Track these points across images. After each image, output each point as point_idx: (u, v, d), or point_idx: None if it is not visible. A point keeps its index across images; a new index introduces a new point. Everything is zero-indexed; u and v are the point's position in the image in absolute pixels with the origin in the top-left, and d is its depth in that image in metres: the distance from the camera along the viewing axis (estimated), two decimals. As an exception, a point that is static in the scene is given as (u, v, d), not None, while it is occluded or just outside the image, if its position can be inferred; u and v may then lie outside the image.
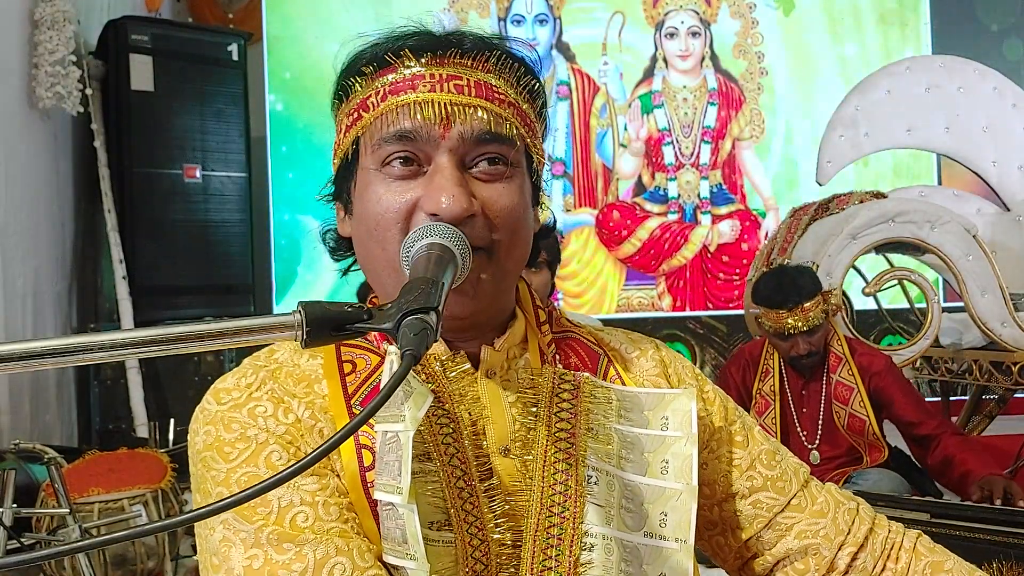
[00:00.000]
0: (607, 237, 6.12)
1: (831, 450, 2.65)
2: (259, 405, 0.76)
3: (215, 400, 0.77)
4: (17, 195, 3.68)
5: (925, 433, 2.58)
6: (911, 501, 2.14)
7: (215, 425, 0.75)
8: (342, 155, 0.81)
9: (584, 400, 0.81)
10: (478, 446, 0.78)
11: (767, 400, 2.73)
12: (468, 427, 0.78)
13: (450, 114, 0.76)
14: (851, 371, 2.64)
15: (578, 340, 0.89)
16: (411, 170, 0.77)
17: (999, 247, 3.90)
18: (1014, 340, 3.51)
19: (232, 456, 0.73)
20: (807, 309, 2.54)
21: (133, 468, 2.74)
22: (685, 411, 0.81)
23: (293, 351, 0.82)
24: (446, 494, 0.73)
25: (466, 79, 0.77)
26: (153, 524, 0.52)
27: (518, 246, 0.80)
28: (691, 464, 0.79)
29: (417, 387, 0.68)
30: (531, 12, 6.14)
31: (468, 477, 0.75)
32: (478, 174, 0.78)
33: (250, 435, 0.74)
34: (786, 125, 6.24)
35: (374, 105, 0.77)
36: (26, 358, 0.55)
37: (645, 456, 0.80)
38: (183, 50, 4.63)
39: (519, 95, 0.81)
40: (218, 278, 4.75)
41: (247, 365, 0.81)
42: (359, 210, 0.80)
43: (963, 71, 4.32)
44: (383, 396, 0.56)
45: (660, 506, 0.78)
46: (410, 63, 0.77)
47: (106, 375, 4.24)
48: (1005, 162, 4.30)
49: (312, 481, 0.72)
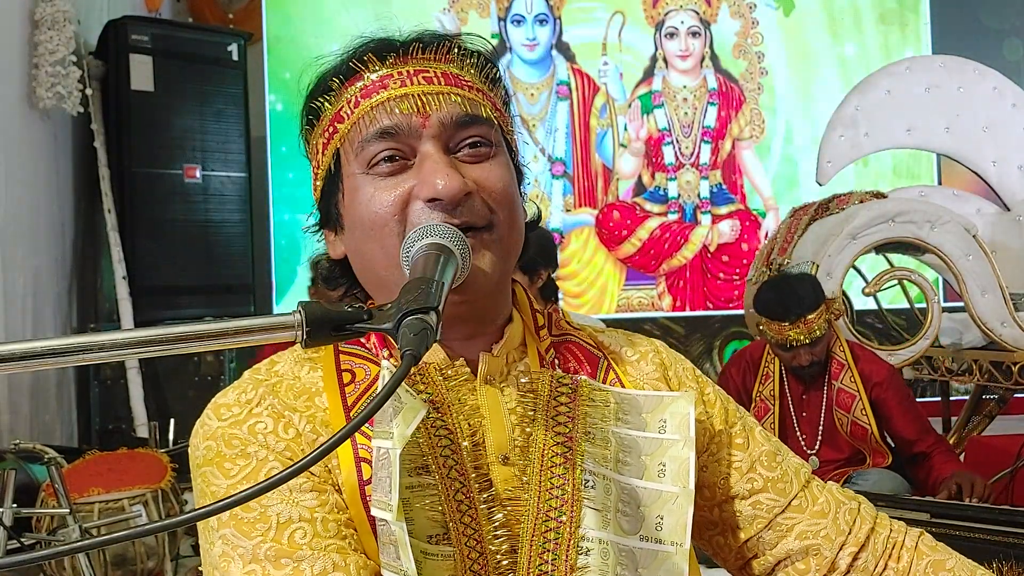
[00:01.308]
0: (607, 237, 6.12)
1: (833, 454, 2.64)
2: (259, 421, 0.75)
3: (215, 416, 0.77)
4: (17, 195, 3.68)
5: (920, 451, 2.58)
6: (911, 501, 2.14)
7: (215, 441, 0.75)
8: (324, 174, 0.81)
9: (582, 403, 0.80)
10: (477, 456, 0.77)
11: (767, 404, 2.71)
12: (467, 437, 0.77)
13: (426, 103, 0.76)
14: (853, 378, 2.61)
15: (577, 343, 0.88)
16: (398, 165, 0.77)
17: (999, 247, 3.90)
18: (1014, 340, 3.51)
19: (232, 472, 0.73)
20: (810, 321, 2.49)
21: (133, 468, 2.74)
22: (683, 414, 0.81)
23: (294, 362, 0.82)
24: (445, 507, 0.73)
25: (433, 71, 0.78)
26: (153, 524, 0.52)
27: (516, 222, 0.81)
28: (688, 467, 0.79)
29: (409, 402, 0.68)
30: (531, 12, 6.14)
31: (467, 489, 0.75)
32: (463, 157, 0.78)
33: (250, 452, 0.74)
34: (786, 125, 6.24)
35: (348, 115, 0.78)
36: (26, 358, 0.55)
37: (642, 459, 0.79)
38: (183, 50, 4.63)
39: (484, 83, 0.82)
40: (218, 278, 4.75)
41: (247, 379, 0.80)
42: (352, 217, 0.79)
43: (963, 71, 4.31)
44: (380, 398, 0.56)
45: (657, 509, 0.78)
46: (375, 67, 0.78)
47: (106, 375, 4.24)
48: (1005, 162, 4.30)
49: (311, 497, 0.72)
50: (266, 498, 0.70)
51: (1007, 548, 1.82)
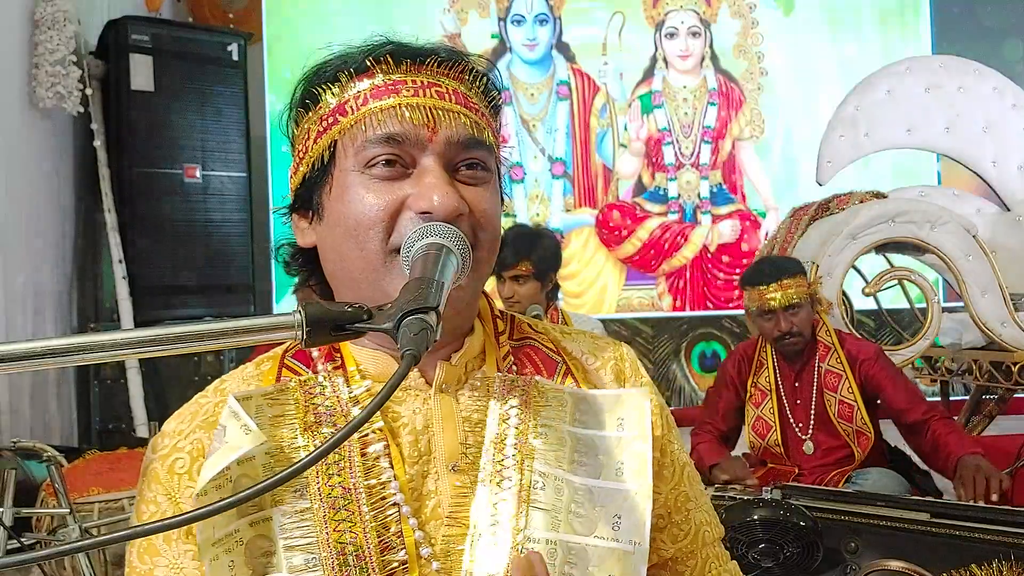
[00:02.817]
0: (607, 237, 6.12)
1: (828, 440, 2.67)
2: (179, 458, 0.77)
3: (152, 447, 0.79)
4: (17, 195, 3.68)
5: (915, 419, 2.60)
6: (911, 501, 2.14)
7: (144, 474, 0.78)
8: (313, 161, 0.81)
9: (534, 403, 0.80)
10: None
11: (763, 392, 2.76)
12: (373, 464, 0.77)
13: (436, 118, 0.77)
14: (839, 359, 2.69)
15: (536, 348, 0.87)
16: (396, 172, 0.77)
17: (999, 247, 3.90)
18: (1014, 340, 3.52)
19: (144, 515, 0.76)
20: (786, 285, 2.64)
21: (133, 468, 2.74)
22: (640, 409, 0.81)
23: (242, 380, 0.83)
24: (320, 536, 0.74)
25: (445, 86, 0.79)
26: (153, 524, 0.52)
27: (495, 246, 0.81)
28: (646, 463, 0.79)
29: (232, 440, 0.72)
30: (531, 12, 6.14)
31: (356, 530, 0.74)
32: (461, 178, 0.78)
33: (159, 500, 0.76)
34: (786, 125, 6.24)
35: (353, 109, 0.78)
36: (26, 358, 0.55)
37: (600, 458, 0.79)
38: (183, 50, 4.63)
39: (487, 109, 0.83)
40: (218, 278, 4.75)
41: (192, 403, 0.82)
42: (336, 212, 0.78)
43: (963, 71, 4.32)
44: (378, 401, 0.56)
45: (614, 509, 0.77)
46: (389, 69, 0.78)
47: (106, 375, 4.24)
48: (1005, 162, 4.30)
49: (194, 567, 0.73)
50: (157, 556, 0.74)
51: (1007, 548, 1.82)
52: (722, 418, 2.83)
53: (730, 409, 2.83)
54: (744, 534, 1.96)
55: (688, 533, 0.86)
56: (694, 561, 0.87)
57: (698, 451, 2.72)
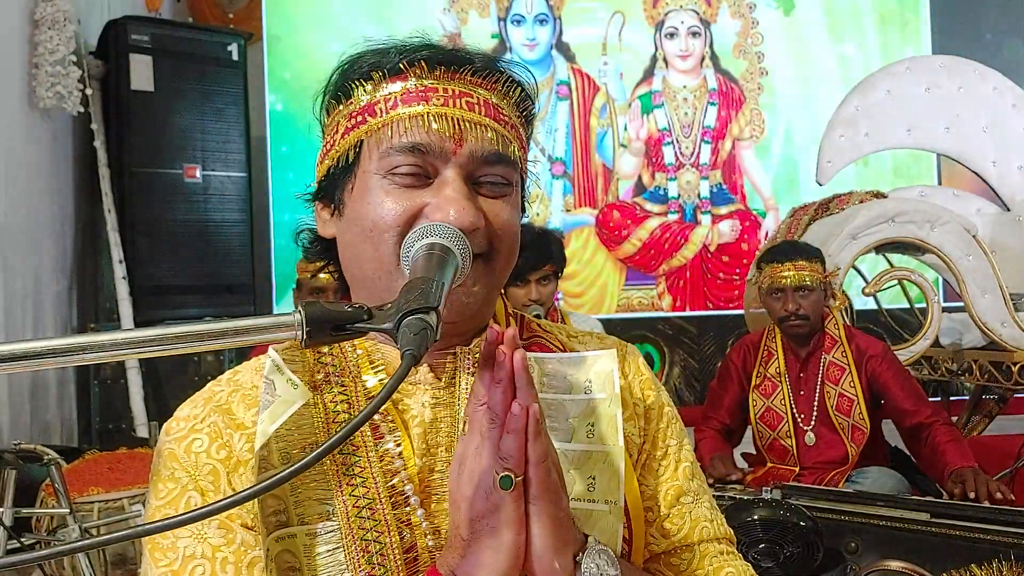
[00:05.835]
0: (607, 237, 6.12)
1: (827, 433, 2.67)
2: (196, 439, 0.78)
3: (166, 430, 0.80)
4: (17, 195, 3.68)
5: (917, 422, 2.60)
6: (911, 501, 2.14)
7: (158, 456, 0.79)
8: (338, 156, 0.81)
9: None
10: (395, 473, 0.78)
11: (774, 382, 2.75)
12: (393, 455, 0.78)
13: (462, 130, 0.77)
14: (844, 352, 2.69)
15: (543, 346, 0.88)
16: (417, 180, 0.78)
17: (999, 247, 3.90)
18: (1014, 340, 3.51)
19: (162, 495, 0.77)
20: (800, 266, 2.68)
21: (133, 468, 2.74)
22: (607, 371, 0.82)
23: (254, 371, 0.84)
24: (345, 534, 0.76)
25: (476, 97, 0.79)
26: (153, 524, 0.52)
27: (511, 260, 0.82)
28: (616, 424, 0.79)
29: (283, 393, 0.73)
30: (531, 12, 6.14)
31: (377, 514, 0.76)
32: (481, 191, 0.79)
33: (177, 476, 0.77)
34: (786, 125, 6.24)
35: (382, 111, 0.78)
36: (26, 358, 0.55)
37: (570, 422, 0.80)
38: (183, 50, 4.62)
39: (519, 120, 0.83)
40: (218, 278, 4.75)
41: (204, 392, 0.84)
42: (355, 212, 0.80)
43: (963, 71, 4.32)
44: (377, 403, 0.56)
45: (588, 470, 0.79)
46: (422, 74, 0.78)
47: (106, 375, 4.24)
48: (1005, 162, 4.30)
49: (219, 535, 0.74)
50: (182, 528, 0.73)
51: (1007, 548, 1.82)
52: (727, 412, 2.83)
53: (735, 403, 2.83)
54: (744, 534, 1.96)
55: (682, 528, 0.86)
56: (689, 555, 0.86)
57: (700, 448, 2.72)
